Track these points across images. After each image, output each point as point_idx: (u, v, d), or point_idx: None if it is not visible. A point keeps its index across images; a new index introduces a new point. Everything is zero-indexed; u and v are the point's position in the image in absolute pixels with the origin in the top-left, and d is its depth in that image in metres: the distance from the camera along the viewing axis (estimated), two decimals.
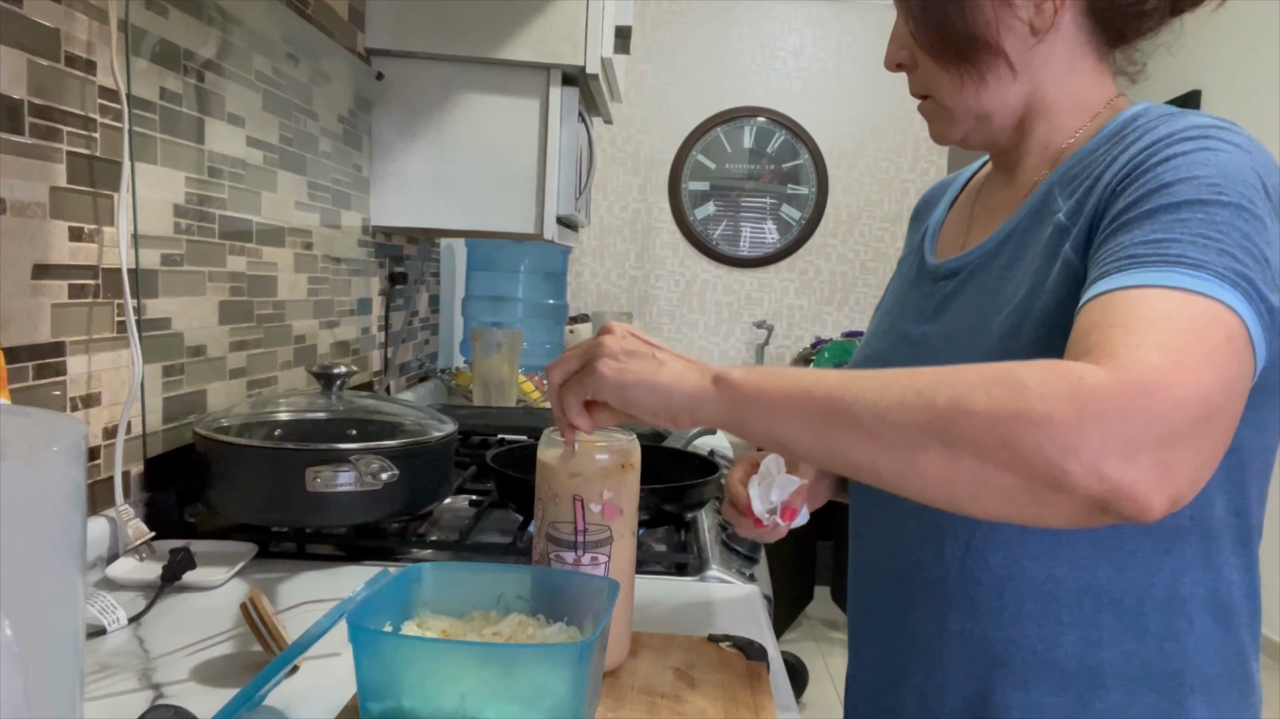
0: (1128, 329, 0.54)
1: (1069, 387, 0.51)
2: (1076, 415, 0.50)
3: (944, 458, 0.53)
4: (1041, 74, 0.76)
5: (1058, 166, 0.76)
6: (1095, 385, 0.50)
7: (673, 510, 1.16)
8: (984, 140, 0.80)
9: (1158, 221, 0.60)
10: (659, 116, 4.36)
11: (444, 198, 1.86)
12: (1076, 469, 0.50)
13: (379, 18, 1.78)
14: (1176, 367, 0.51)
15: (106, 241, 1.01)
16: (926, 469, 0.53)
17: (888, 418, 0.54)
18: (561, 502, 0.76)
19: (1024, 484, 0.51)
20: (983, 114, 0.77)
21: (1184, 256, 0.57)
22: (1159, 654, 0.70)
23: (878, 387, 0.55)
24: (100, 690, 0.74)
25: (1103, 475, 0.49)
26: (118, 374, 1.04)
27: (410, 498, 1.08)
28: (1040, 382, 0.51)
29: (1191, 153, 0.63)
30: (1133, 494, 0.50)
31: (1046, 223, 0.72)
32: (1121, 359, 0.52)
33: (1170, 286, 0.56)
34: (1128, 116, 0.73)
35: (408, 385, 2.23)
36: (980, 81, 0.75)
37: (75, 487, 0.48)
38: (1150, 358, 0.51)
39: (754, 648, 0.84)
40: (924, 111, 0.81)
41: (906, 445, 0.54)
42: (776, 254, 4.41)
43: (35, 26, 0.88)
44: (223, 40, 1.24)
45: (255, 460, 1.02)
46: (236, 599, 0.93)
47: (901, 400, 0.54)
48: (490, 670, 0.60)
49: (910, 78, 0.80)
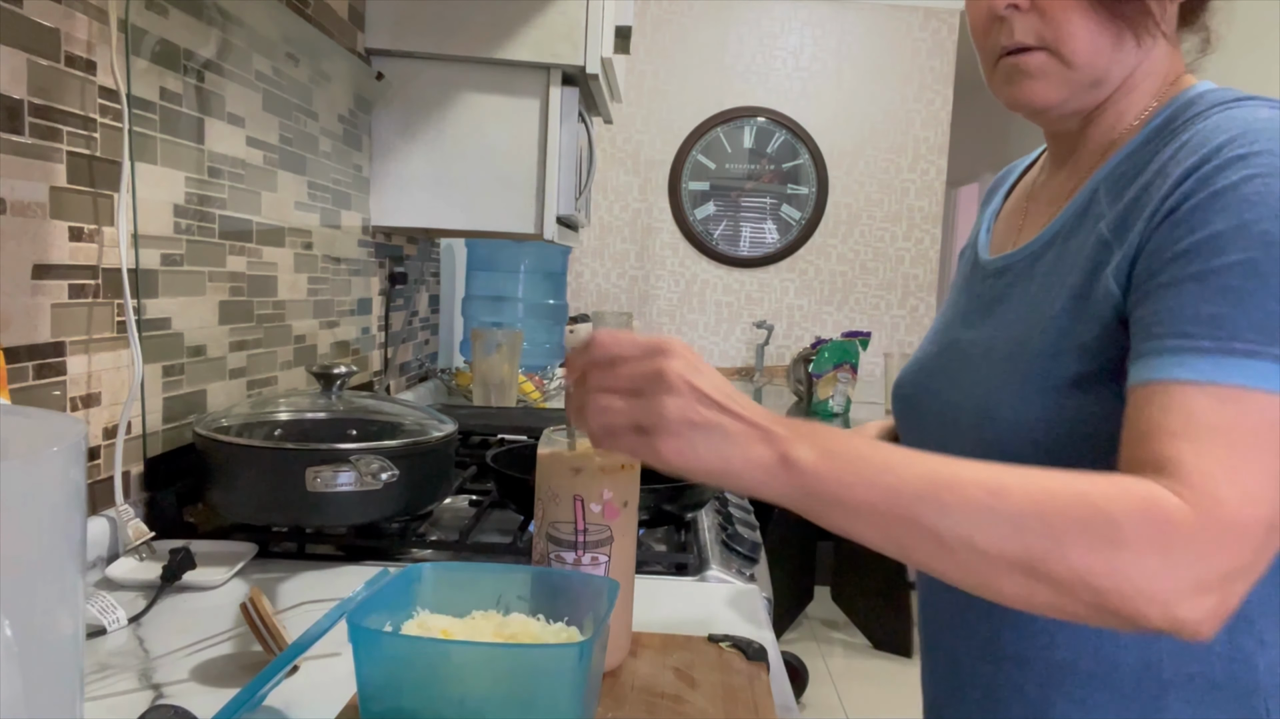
0: (1195, 443, 0.54)
1: (1159, 533, 0.52)
2: (1163, 566, 0.51)
3: (1025, 586, 0.53)
4: (1151, 52, 0.71)
5: (1109, 159, 0.72)
6: (1180, 526, 0.52)
7: (673, 510, 1.16)
8: (1072, 111, 0.74)
9: (1208, 286, 0.57)
10: (659, 116, 4.36)
11: (444, 198, 1.86)
12: (1151, 612, 0.52)
13: (379, 18, 1.78)
14: (1247, 499, 0.53)
15: (106, 241, 1.01)
16: (1002, 589, 0.54)
17: (974, 544, 0.53)
18: (562, 501, 0.76)
19: (1096, 615, 0.53)
20: (1099, 79, 0.71)
21: (1236, 341, 0.55)
22: (1227, 675, 0.67)
23: (965, 506, 0.53)
24: (100, 690, 0.74)
25: (1173, 617, 0.52)
26: (118, 374, 1.04)
27: (410, 498, 1.08)
28: (1134, 529, 0.52)
29: (1241, 184, 0.59)
30: (1195, 630, 0.52)
31: (1090, 229, 0.69)
32: (1198, 491, 0.53)
33: (1228, 384, 0.55)
34: (1182, 103, 0.70)
35: (408, 385, 2.23)
36: (1129, 41, 0.69)
37: (75, 487, 0.48)
38: (1224, 492, 0.53)
39: (754, 648, 0.84)
40: (1026, 66, 0.71)
41: (990, 571, 0.54)
42: (776, 254, 4.40)
43: (35, 26, 0.88)
44: (223, 40, 1.24)
45: (255, 460, 1.02)
46: (236, 599, 0.93)
47: (992, 528, 0.53)
48: (490, 670, 0.60)
49: (1019, 22, 0.70)
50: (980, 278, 0.81)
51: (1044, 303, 0.70)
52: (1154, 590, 0.51)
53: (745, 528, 1.23)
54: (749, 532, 1.22)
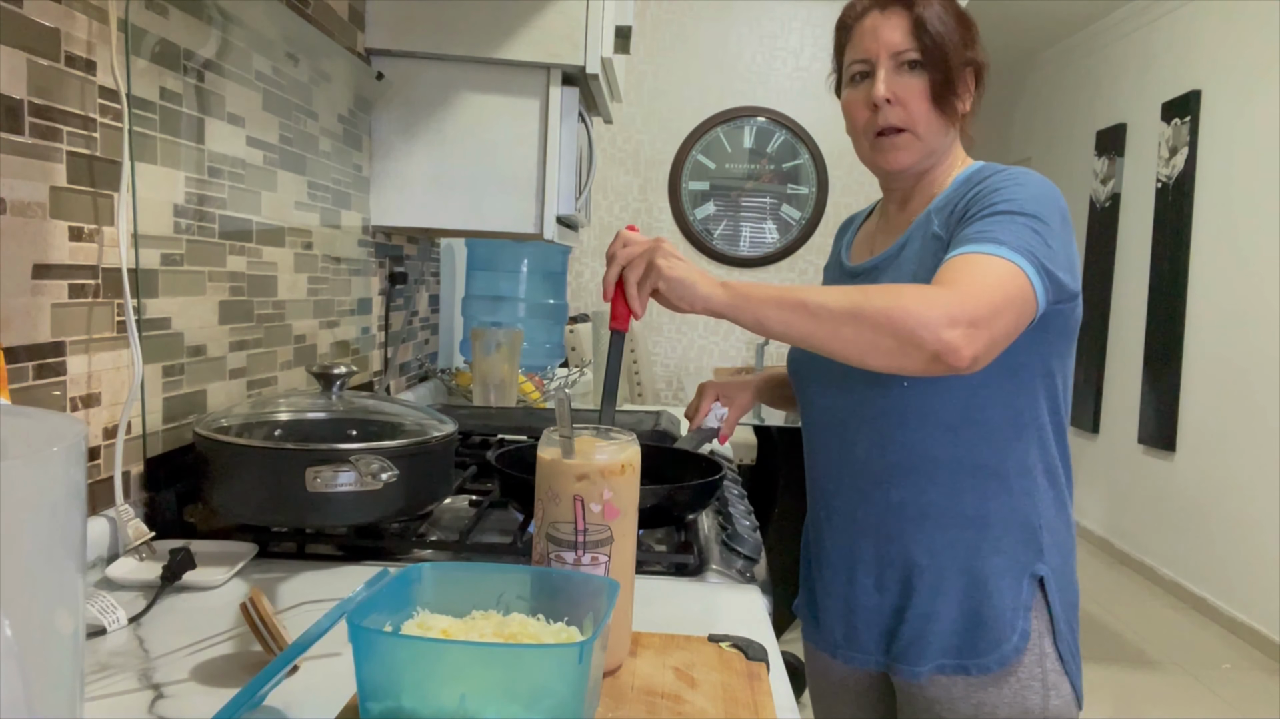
0: (960, 272, 0.96)
1: (924, 293, 0.92)
2: (926, 306, 0.90)
3: (854, 329, 0.92)
4: (957, 136, 1.16)
5: (934, 200, 1.14)
6: (937, 293, 0.93)
7: (673, 510, 1.16)
8: (917, 171, 1.15)
9: (986, 220, 1.01)
10: (659, 116, 4.36)
11: (444, 198, 1.86)
12: (926, 337, 0.90)
13: (379, 18, 1.78)
14: (978, 287, 0.93)
15: (106, 241, 1.01)
16: (844, 334, 0.92)
17: (825, 307, 0.93)
18: (562, 502, 0.76)
19: (897, 344, 0.91)
20: (934, 151, 1.13)
21: (996, 238, 0.98)
22: (1022, 507, 1.09)
23: (822, 295, 0.94)
24: (100, 690, 0.74)
25: (937, 337, 0.89)
26: (118, 374, 1.04)
27: (410, 498, 1.08)
28: (911, 291, 0.93)
29: (1009, 186, 1.04)
30: (951, 351, 0.90)
31: (928, 235, 1.11)
32: (952, 285, 0.94)
33: (985, 253, 0.97)
34: (974, 169, 1.14)
35: (408, 385, 2.23)
36: (950, 129, 1.13)
37: (75, 487, 0.48)
38: (963, 285, 0.94)
39: (754, 648, 0.84)
40: (896, 141, 1.12)
41: (834, 323, 0.92)
42: (776, 254, 4.40)
43: (35, 26, 0.88)
44: (223, 40, 1.24)
45: (255, 460, 1.02)
46: (236, 599, 0.93)
47: (837, 301, 0.93)
48: (490, 670, 0.60)
49: (891, 113, 1.10)
50: (848, 278, 1.22)
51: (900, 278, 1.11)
52: (925, 318, 0.89)
53: (745, 528, 1.23)
54: (749, 532, 1.22)
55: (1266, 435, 3.83)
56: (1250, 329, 3.97)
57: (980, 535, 1.09)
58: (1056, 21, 5.40)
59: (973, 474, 1.08)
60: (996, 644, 1.07)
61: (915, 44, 1.09)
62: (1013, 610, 1.07)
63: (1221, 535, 4.11)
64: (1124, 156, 5.11)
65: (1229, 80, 4.21)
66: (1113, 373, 5.17)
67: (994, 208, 1.02)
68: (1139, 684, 3.43)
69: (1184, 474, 4.43)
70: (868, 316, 0.90)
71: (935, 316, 0.89)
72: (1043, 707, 1.07)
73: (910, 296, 0.91)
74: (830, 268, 1.32)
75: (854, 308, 0.91)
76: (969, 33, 1.12)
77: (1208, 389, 4.26)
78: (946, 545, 1.10)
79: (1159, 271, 4.66)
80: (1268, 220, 3.88)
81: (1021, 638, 1.07)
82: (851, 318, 0.91)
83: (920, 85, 1.10)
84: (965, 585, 1.09)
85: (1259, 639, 3.78)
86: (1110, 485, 5.13)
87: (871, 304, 0.91)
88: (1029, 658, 1.07)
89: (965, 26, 1.12)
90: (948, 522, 1.09)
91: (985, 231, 0.99)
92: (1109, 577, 4.71)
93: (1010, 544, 1.08)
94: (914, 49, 1.09)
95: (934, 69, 1.09)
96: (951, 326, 0.89)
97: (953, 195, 1.11)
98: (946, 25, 1.10)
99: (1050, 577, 1.09)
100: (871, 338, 0.91)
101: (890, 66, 1.11)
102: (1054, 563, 1.10)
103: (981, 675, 1.07)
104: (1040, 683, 1.07)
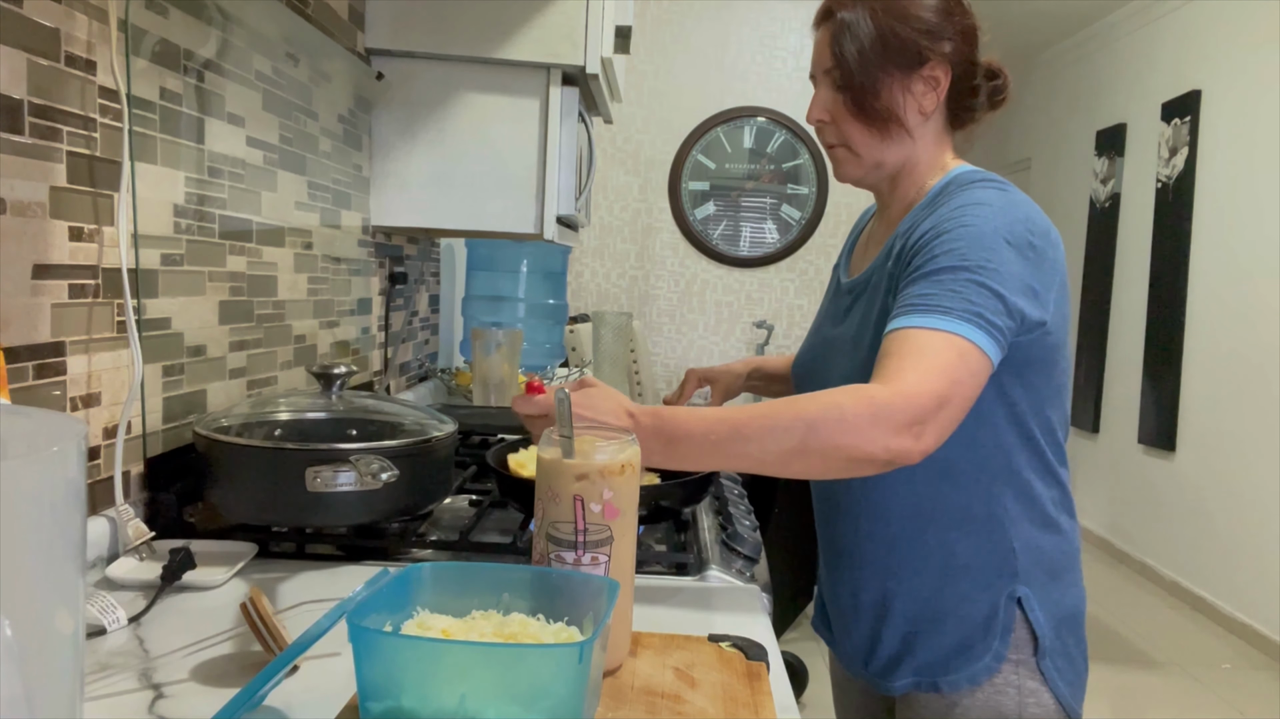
0: (900, 359, 0.92)
1: (868, 407, 0.88)
2: (871, 424, 0.88)
3: (804, 461, 0.90)
4: (918, 142, 1.10)
5: (906, 215, 1.10)
6: (878, 400, 0.89)
7: (673, 509, 1.16)
8: (873, 182, 1.15)
9: (928, 281, 0.97)
10: (659, 116, 4.36)
11: (444, 198, 1.86)
12: (877, 452, 0.88)
13: (379, 18, 1.78)
14: (920, 380, 0.90)
15: (106, 241, 1.01)
16: (793, 468, 0.91)
17: (767, 449, 0.90)
18: (562, 501, 0.76)
19: (848, 464, 0.90)
20: (880, 162, 1.11)
21: (938, 305, 0.94)
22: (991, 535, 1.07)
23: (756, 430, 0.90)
24: (100, 690, 0.74)
25: (887, 448, 0.88)
26: (118, 374, 1.04)
27: (410, 498, 1.08)
28: (853, 408, 0.88)
29: (955, 229, 0.98)
30: (903, 455, 0.89)
31: (886, 268, 1.07)
32: (893, 382, 0.90)
33: (927, 327, 0.93)
34: (947, 179, 1.09)
35: (408, 385, 2.23)
36: (896, 139, 1.09)
37: (75, 487, 0.48)
38: (908, 377, 0.90)
39: (754, 648, 0.84)
40: (835, 156, 1.13)
41: (782, 462, 0.91)
42: (776, 254, 4.41)
43: (35, 26, 0.88)
44: (223, 40, 1.24)
45: (255, 460, 1.02)
46: (236, 599, 0.93)
47: (774, 438, 0.89)
48: (490, 670, 0.60)
49: (825, 130, 1.12)
50: (839, 293, 1.20)
51: (870, 310, 1.09)
52: (872, 437, 0.87)
53: (745, 528, 1.23)
54: (749, 532, 1.22)
55: (1266, 435, 3.83)
56: (1250, 329, 3.97)
57: (949, 562, 1.08)
58: (1056, 21, 5.40)
59: (934, 509, 1.07)
60: (968, 664, 1.07)
61: (834, 62, 1.08)
62: (986, 633, 1.06)
63: (1221, 535, 4.11)
64: (1124, 156, 5.11)
65: (1229, 80, 4.21)
66: (1113, 373, 5.17)
67: (935, 261, 0.97)
68: (1139, 684, 3.43)
69: (1184, 474, 4.43)
70: (815, 450, 0.88)
71: (880, 433, 0.87)
72: (1018, 713, 1.06)
73: (852, 417, 0.87)
74: (833, 273, 1.29)
75: (799, 445, 0.88)
76: (918, 32, 1.06)
77: (1208, 389, 4.26)
78: (913, 574, 1.09)
79: (1159, 271, 4.66)
80: (1268, 220, 3.88)
81: (995, 659, 1.06)
82: (799, 454, 0.89)
83: (842, 102, 1.08)
84: (936, 611, 1.08)
85: (1259, 639, 3.78)
86: (1110, 485, 5.13)
87: (818, 437, 0.88)
88: (1004, 673, 1.06)
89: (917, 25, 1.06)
90: (914, 553, 1.09)
91: (927, 296, 0.95)
92: (1109, 577, 4.72)
93: (981, 569, 1.07)
94: (835, 66, 1.08)
95: (848, 85, 1.07)
96: (898, 434, 0.87)
97: (917, 218, 1.06)
98: (869, 35, 1.06)
99: (1030, 596, 1.07)
100: (822, 465, 0.90)
101: (824, 84, 1.10)
102: (1037, 580, 1.07)
103: (953, 693, 1.07)
104: (1016, 689, 1.06)
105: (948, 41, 1.07)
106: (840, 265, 1.25)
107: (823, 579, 1.26)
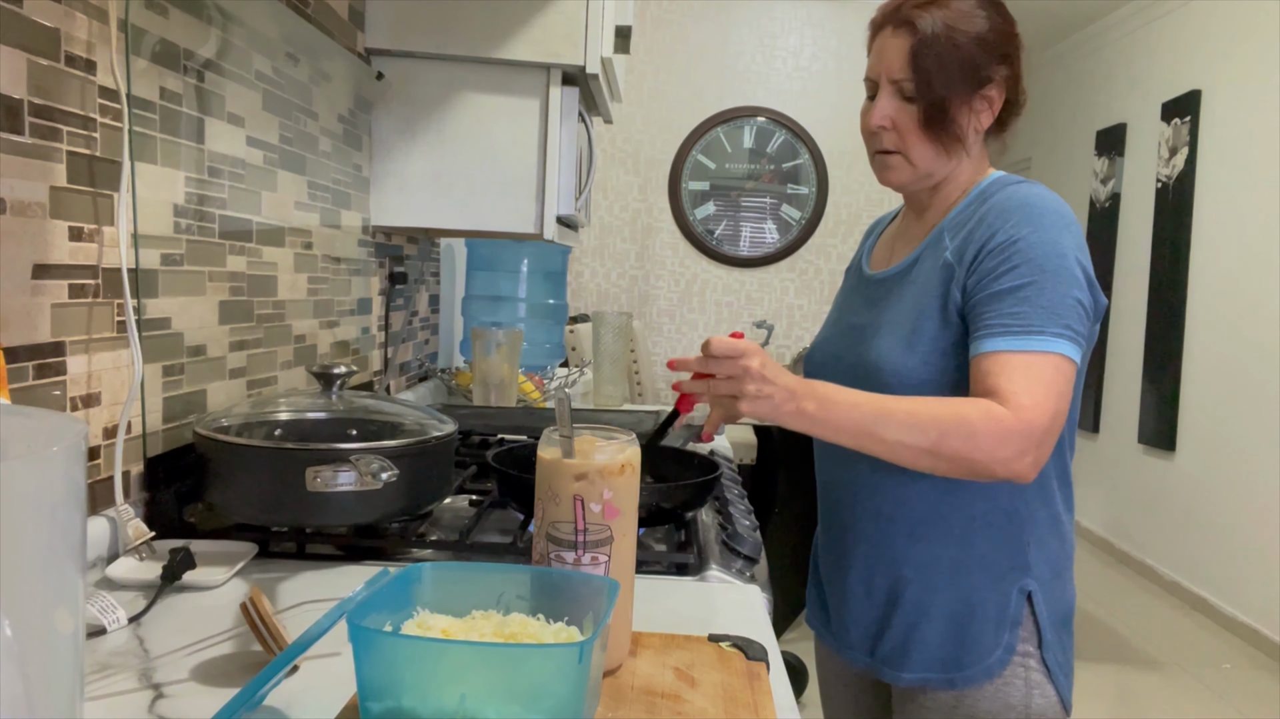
0: (1012, 380, 0.98)
1: (996, 426, 0.96)
2: (999, 444, 0.96)
3: (931, 461, 0.98)
4: (966, 155, 1.14)
5: (947, 215, 1.15)
6: (1005, 420, 0.96)
7: (673, 510, 1.16)
8: (916, 188, 1.17)
9: (1013, 299, 1.01)
10: (659, 116, 4.36)
11: (444, 198, 1.86)
12: (999, 470, 0.97)
13: (379, 18, 1.78)
14: (1036, 399, 0.97)
15: (106, 241, 1.01)
16: (920, 464, 0.99)
17: (903, 442, 0.97)
18: (562, 502, 0.76)
19: (970, 473, 0.98)
20: (930, 174, 1.14)
21: (1031, 326, 1.00)
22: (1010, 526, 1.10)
23: (896, 422, 0.97)
24: (100, 690, 0.74)
25: (1009, 470, 0.97)
26: (118, 374, 1.04)
27: (410, 498, 1.08)
28: (982, 425, 0.96)
29: (1020, 239, 1.03)
30: (1021, 476, 0.97)
31: (939, 255, 1.11)
32: (1013, 403, 0.97)
33: (1028, 351, 0.99)
34: (987, 184, 1.13)
35: (408, 385, 2.23)
36: (949, 153, 1.12)
37: (75, 487, 0.48)
38: (1025, 401, 0.96)
39: (754, 648, 0.84)
40: (888, 162, 1.13)
41: (913, 456, 0.98)
42: (776, 254, 4.41)
43: (35, 26, 0.88)
44: (223, 40, 1.24)
45: (255, 460, 1.02)
46: (236, 599, 0.93)
47: (911, 433, 0.97)
48: (490, 670, 0.60)
49: (884, 137, 1.11)
50: (866, 285, 1.23)
51: (910, 295, 1.12)
52: (998, 457, 0.96)
53: (745, 528, 1.23)
54: (749, 532, 1.22)
55: (1266, 435, 3.83)
56: (1250, 329, 3.97)
57: (966, 553, 1.10)
58: (1056, 21, 5.40)
59: (959, 496, 1.09)
60: (981, 658, 1.09)
61: (911, 74, 1.07)
62: (997, 626, 1.09)
63: (1221, 535, 4.11)
64: (1124, 156, 5.11)
65: (1229, 80, 4.21)
66: (1113, 373, 5.17)
67: (1014, 277, 1.01)
68: (1139, 684, 3.43)
69: (1184, 474, 4.43)
70: (945, 455, 0.96)
71: (1008, 455, 0.95)
72: (1025, 704, 1.08)
73: (983, 434, 0.95)
74: (851, 271, 1.32)
75: (931, 446, 0.96)
76: (985, 53, 1.08)
77: (1208, 389, 4.26)
78: (932, 561, 1.11)
79: (1159, 271, 4.66)
80: (1268, 220, 3.88)
81: (1006, 651, 1.08)
82: (929, 454, 0.96)
83: (913, 114, 1.08)
84: (950, 601, 1.10)
85: (1259, 639, 3.78)
86: (1110, 485, 5.13)
87: (949, 444, 0.95)
88: (1014, 664, 1.09)
89: (984, 46, 1.08)
90: (934, 539, 1.11)
91: (1018, 316, 1.00)
92: (1109, 577, 4.72)
93: (996, 561, 1.10)
94: (909, 78, 1.07)
95: (926, 101, 1.07)
96: (1023, 457, 0.95)
97: (965, 214, 1.10)
98: (948, 53, 1.06)
99: (1038, 590, 1.10)
100: (947, 468, 0.98)
101: (890, 91, 1.10)
102: (1043, 576, 1.10)
103: (966, 688, 1.09)
104: (1023, 681, 1.09)
105: (1007, 63, 1.10)
106: (861, 262, 1.28)
107: (825, 567, 1.26)
